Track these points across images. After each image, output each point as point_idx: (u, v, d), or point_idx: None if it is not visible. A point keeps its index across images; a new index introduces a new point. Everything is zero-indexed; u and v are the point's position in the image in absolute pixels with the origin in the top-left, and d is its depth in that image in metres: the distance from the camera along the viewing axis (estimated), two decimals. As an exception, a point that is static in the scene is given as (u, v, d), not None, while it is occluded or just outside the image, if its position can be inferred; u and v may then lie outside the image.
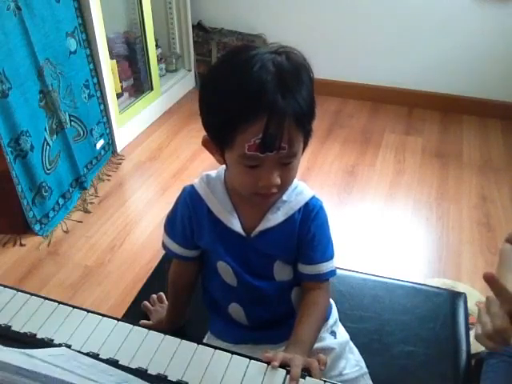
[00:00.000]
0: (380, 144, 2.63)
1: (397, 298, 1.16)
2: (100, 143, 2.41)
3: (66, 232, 2.05)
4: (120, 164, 2.49)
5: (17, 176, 1.90)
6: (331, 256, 0.89)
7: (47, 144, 2.04)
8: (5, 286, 0.84)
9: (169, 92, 2.95)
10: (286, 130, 0.71)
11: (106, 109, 2.43)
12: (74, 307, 0.81)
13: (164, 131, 2.76)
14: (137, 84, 2.77)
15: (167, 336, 0.77)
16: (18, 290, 0.83)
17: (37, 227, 2.01)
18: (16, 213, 1.95)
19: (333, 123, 2.81)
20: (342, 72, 2.98)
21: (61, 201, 2.14)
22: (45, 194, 2.03)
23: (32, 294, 0.83)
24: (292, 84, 0.71)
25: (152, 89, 2.80)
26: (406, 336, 1.07)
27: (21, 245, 1.97)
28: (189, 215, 0.89)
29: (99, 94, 2.37)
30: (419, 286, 1.22)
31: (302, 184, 0.89)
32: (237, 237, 0.86)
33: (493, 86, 2.78)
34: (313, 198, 0.87)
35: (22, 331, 0.75)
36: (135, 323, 0.80)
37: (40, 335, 0.74)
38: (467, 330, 1.10)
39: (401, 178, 2.37)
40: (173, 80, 3.02)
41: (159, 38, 2.95)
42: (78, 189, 2.25)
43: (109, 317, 0.80)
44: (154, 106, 2.83)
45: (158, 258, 1.27)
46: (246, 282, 0.88)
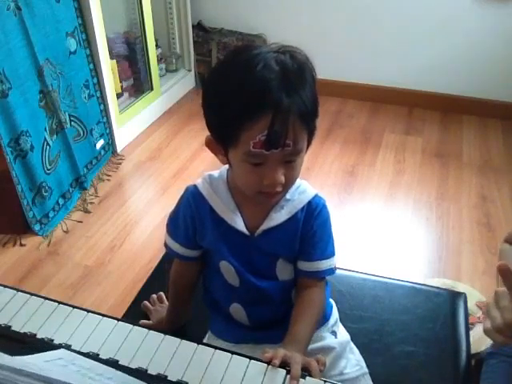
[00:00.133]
0: (380, 144, 2.63)
1: (397, 298, 1.16)
2: (100, 143, 2.41)
3: (66, 232, 2.05)
4: (120, 164, 2.49)
5: (17, 176, 1.90)
6: (331, 254, 0.89)
7: (47, 144, 2.04)
8: (5, 286, 0.84)
9: (169, 92, 2.95)
10: (291, 127, 0.71)
11: (106, 109, 2.43)
12: (74, 307, 0.81)
13: (164, 131, 2.76)
14: (137, 84, 2.77)
15: (167, 336, 0.77)
16: (18, 290, 0.84)
17: (37, 227, 2.01)
18: (16, 213, 1.95)
19: (333, 123, 2.81)
20: (342, 72, 2.97)
21: (61, 201, 2.14)
22: (45, 194, 2.03)
23: (32, 294, 0.83)
24: (296, 82, 0.72)
25: (152, 89, 2.80)
26: (406, 336, 1.07)
27: (21, 245, 1.97)
28: (191, 215, 0.89)
29: (99, 94, 2.37)
30: (419, 286, 1.22)
31: (305, 183, 0.89)
32: (240, 236, 0.86)
33: (493, 86, 2.78)
34: (316, 197, 0.88)
35: (22, 331, 0.75)
36: (135, 323, 0.80)
37: (40, 335, 0.74)
38: (467, 330, 1.10)
39: (401, 178, 2.37)
40: (173, 80, 3.01)
41: (159, 38, 2.95)
42: (78, 189, 2.25)
43: (109, 317, 0.80)
44: (154, 106, 2.83)
45: (158, 258, 1.28)
46: (249, 282, 0.89)
